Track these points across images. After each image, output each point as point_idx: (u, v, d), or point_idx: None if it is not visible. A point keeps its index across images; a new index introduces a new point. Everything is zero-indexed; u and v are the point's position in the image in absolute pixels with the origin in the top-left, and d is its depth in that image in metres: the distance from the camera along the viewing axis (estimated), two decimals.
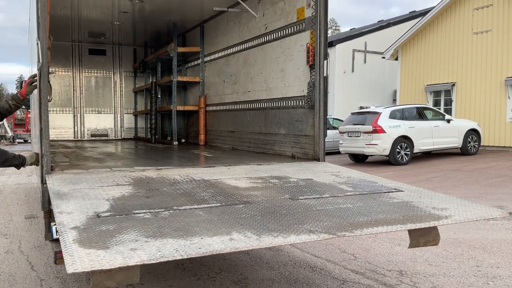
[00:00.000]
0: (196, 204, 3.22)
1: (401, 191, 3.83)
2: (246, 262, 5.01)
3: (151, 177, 4.13)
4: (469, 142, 15.17)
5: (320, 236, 2.64)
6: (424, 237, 3.25)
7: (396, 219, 3.03)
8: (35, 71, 3.98)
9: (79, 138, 11.58)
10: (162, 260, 2.21)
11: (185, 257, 2.27)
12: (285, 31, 5.89)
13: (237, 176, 4.34)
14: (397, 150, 13.66)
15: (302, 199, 3.49)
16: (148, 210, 3.00)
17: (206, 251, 2.32)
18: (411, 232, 3.24)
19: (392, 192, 3.80)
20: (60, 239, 2.40)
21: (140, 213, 2.92)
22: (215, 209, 3.12)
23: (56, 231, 3.79)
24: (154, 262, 2.20)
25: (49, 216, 3.76)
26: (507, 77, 16.37)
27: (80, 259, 2.14)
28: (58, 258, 3.28)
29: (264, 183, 4.04)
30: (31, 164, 4.25)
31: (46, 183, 3.69)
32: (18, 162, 4.08)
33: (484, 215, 3.26)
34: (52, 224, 3.80)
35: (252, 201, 3.37)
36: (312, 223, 2.85)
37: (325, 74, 5.08)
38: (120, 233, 2.50)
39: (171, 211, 3.02)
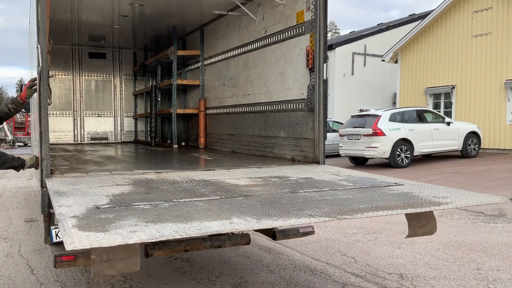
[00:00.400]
0: (196, 197, 3.27)
1: (402, 184, 3.88)
2: (246, 266, 5.00)
3: (151, 179, 4.14)
4: (469, 145, 15.17)
5: (320, 219, 2.69)
6: (422, 228, 3.30)
7: (396, 205, 3.08)
8: (35, 74, 3.98)
9: (79, 142, 11.57)
10: (161, 239, 2.24)
11: (185, 236, 2.29)
12: (285, 34, 5.90)
13: (237, 176, 4.36)
14: (397, 152, 13.66)
15: (302, 192, 3.55)
16: (147, 203, 3.04)
17: (205, 231, 2.36)
18: (410, 223, 3.29)
19: (392, 185, 3.84)
20: (59, 226, 2.41)
21: (139, 205, 2.96)
22: (214, 201, 3.17)
23: (56, 235, 3.80)
24: (153, 241, 2.22)
25: (49, 219, 3.76)
26: (507, 80, 16.39)
27: (79, 239, 2.15)
28: (58, 261, 3.28)
29: (264, 181, 4.08)
30: (30, 167, 4.25)
31: (46, 187, 3.69)
32: (18, 163, 4.07)
33: (484, 201, 3.28)
34: (51, 227, 3.80)
35: (252, 194, 3.42)
36: (312, 209, 2.91)
37: (324, 77, 5.08)
38: (119, 220, 2.53)
39: (171, 203, 3.06)
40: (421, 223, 3.28)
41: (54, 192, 3.34)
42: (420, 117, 14.80)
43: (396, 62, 21.25)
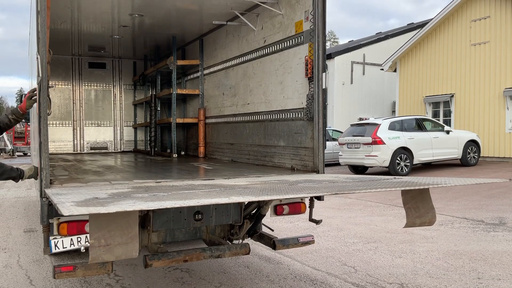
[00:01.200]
0: (194, 190, 3.38)
1: (401, 178, 4.01)
2: (246, 276, 4.98)
3: (150, 186, 4.16)
4: (469, 153, 15.18)
5: (318, 194, 2.90)
6: (420, 218, 3.38)
7: (395, 187, 3.22)
8: (35, 84, 3.99)
9: (78, 151, 11.56)
10: (160, 207, 2.30)
11: (183, 205, 2.40)
12: (284, 44, 5.92)
13: (237, 181, 4.40)
14: (397, 161, 13.65)
15: (301, 184, 3.69)
16: (146, 193, 3.13)
17: (204, 203, 2.49)
18: (408, 212, 3.39)
19: (391, 179, 3.96)
20: (58, 208, 2.41)
21: (139, 195, 3.05)
22: (213, 191, 3.28)
23: (55, 245, 3.78)
24: (151, 209, 2.30)
25: (48, 230, 3.75)
26: (506, 88, 16.44)
27: (77, 209, 2.20)
28: (57, 272, 3.27)
29: (263, 182, 4.16)
30: (29, 177, 4.24)
31: (45, 197, 3.68)
32: (16, 174, 4.07)
33: (483, 181, 3.37)
34: (51, 238, 3.78)
35: (251, 187, 3.53)
36: (310, 191, 3.11)
37: (324, 87, 5.10)
38: (118, 201, 2.60)
39: (170, 193, 3.17)
40: (419, 213, 3.34)
41: (53, 194, 3.37)
42: (419, 125, 14.82)
43: (395, 71, 21.33)
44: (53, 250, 3.68)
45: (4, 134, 28.44)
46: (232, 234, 4.45)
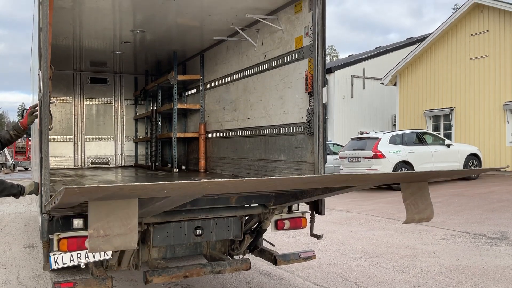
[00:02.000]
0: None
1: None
2: None
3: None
4: (470, 167, 15.16)
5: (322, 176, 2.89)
6: (419, 214, 3.44)
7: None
8: (36, 100, 4.01)
9: (79, 166, 11.56)
10: (162, 185, 2.32)
11: (190, 183, 2.46)
12: (284, 59, 5.96)
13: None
14: None
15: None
16: None
17: (209, 186, 2.54)
18: (408, 208, 3.45)
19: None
20: (57, 192, 2.40)
21: None
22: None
23: (55, 261, 3.76)
24: (153, 184, 2.30)
25: (48, 245, 3.74)
26: (506, 102, 16.48)
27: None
28: None
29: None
30: (30, 193, 4.25)
31: (45, 213, 3.68)
32: (17, 191, 4.08)
33: (482, 171, 3.46)
34: (50, 254, 3.77)
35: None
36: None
37: (324, 101, 5.12)
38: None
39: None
40: (418, 209, 3.41)
41: None
42: (420, 139, 14.83)
43: (395, 84, 21.42)
44: (53, 266, 3.67)
45: (5, 149, 28.48)
46: (233, 249, 4.43)
